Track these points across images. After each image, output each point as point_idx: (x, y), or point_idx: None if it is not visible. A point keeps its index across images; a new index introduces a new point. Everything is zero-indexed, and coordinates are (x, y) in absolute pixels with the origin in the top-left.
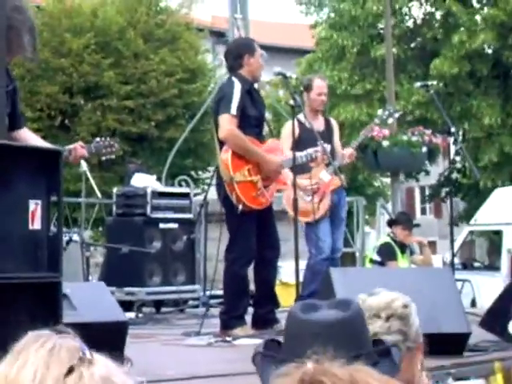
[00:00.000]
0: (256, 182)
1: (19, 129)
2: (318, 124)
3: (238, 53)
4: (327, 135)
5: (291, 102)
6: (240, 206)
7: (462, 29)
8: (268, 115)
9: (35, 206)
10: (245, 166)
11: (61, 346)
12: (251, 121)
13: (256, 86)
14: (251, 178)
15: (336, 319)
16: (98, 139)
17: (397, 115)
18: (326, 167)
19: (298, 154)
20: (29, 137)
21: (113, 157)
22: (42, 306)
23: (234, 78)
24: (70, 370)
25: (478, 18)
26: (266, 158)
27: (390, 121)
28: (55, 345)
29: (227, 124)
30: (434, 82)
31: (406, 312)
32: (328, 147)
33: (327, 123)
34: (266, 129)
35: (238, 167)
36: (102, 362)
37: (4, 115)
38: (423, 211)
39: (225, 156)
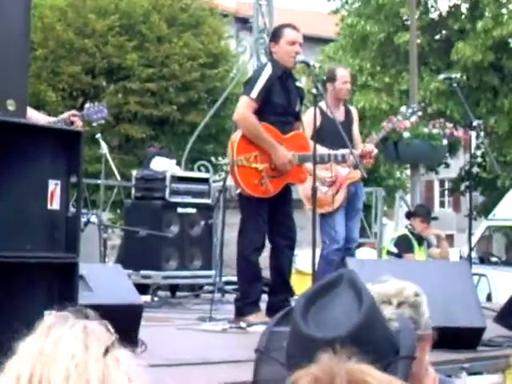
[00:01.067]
0: (261, 170)
1: None
2: (339, 114)
3: (269, 40)
4: (347, 125)
5: (314, 90)
6: (238, 190)
7: (487, 15)
8: None
9: (55, 186)
10: (252, 151)
11: (93, 327)
12: (276, 108)
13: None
14: (256, 165)
15: (347, 331)
16: (87, 105)
17: (420, 113)
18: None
19: (328, 151)
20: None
21: (102, 122)
22: (59, 287)
23: (268, 62)
24: (107, 351)
25: (504, 10)
26: (276, 148)
27: (413, 119)
28: (87, 325)
29: (243, 106)
30: (458, 75)
31: (418, 300)
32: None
33: (347, 113)
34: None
35: (244, 151)
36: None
37: (25, 95)
38: (442, 204)
39: (233, 137)
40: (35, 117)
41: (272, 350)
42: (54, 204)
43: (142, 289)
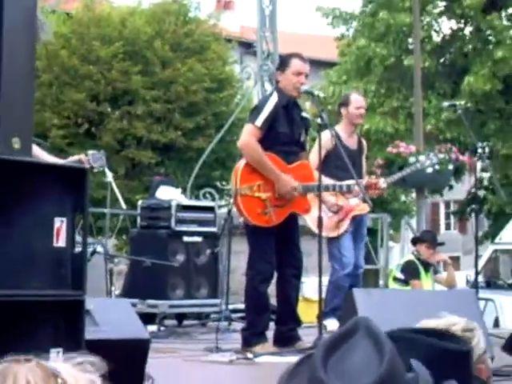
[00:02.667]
0: (264, 200)
1: None
2: (352, 141)
3: (276, 67)
4: (358, 154)
5: (319, 120)
6: (241, 220)
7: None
8: None
9: (60, 224)
10: (256, 180)
11: (35, 381)
12: (280, 137)
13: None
14: (259, 194)
15: (372, 383)
16: (92, 152)
17: (437, 167)
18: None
19: (332, 182)
20: (37, 153)
21: (101, 169)
22: (66, 324)
23: (274, 91)
24: None
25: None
26: (280, 177)
27: (430, 170)
28: (29, 380)
29: (247, 134)
30: (462, 102)
31: (466, 335)
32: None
33: (359, 142)
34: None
35: (248, 180)
36: (69, 374)
37: (30, 133)
38: (448, 226)
39: (237, 166)
40: (45, 158)
41: None
42: (60, 241)
43: (149, 318)
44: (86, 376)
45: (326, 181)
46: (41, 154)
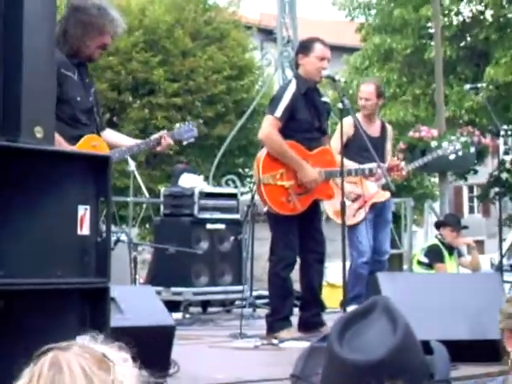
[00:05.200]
0: (287, 188)
1: (103, 130)
2: (375, 128)
3: (296, 51)
4: (381, 140)
5: (340, 105)
6: (265, 209)
7: None
8: None
9: (84, 212)
10: (278, 169)
11: (89, 366)
12: (302, 124)
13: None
14: (282, 183)
15: (383, 355)
16: (178, 125)
17: (461, 153)
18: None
19: (355, 166)
20: (115, 136)
21: (192, 140)
22: (91, 312)
23: (293, 79)
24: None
25: None
26: (302, 165)
27: (452, 157)
28: (83, 367)
29: (267, 126)
30: (484, 85)
31: None
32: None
33: (383, 129)
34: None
35: (270, 169)
36: (112, 354)
37: (53, 122)
38: (471, 210)
39: (259, 155)
40: (122, 139)
41: (308, 375)
42: (84, 229)
43: (174, 306)
44: (120, 354)
45: (348, 165)
46: (62, 143)
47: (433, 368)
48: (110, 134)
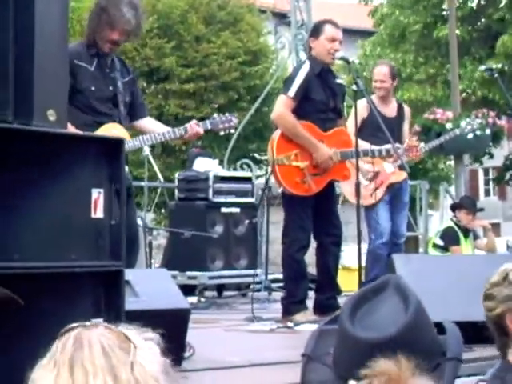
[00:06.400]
0: (302, 169)
1: (141, 118)
2: (391, 109)
3: (308, 35)
4: (398, 121)
5: (354, 87)
6: (280, 189)
7: None
8: None
9: (98, 195)
10: (293, 149)
11: (109, 344)
12: (317, 105)
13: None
14: (297, 164)
15: (395, 333)
16: (214, 115)
17: (478, 133)
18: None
19: (371, 146)
20: (151, 124)
21: (232, 131)
22: (105, 294)
23: (307, 60)
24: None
25: None
26: (317, 146)
27: (470, 136)
28: (103, 345)
29: (280, 105)
30: (499, 65)
31: None
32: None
33: (400, 109)
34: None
35: (284, 150)
36: (137, 339)
37: (65, 105)
38: (487, 193)
39: (273, 136)
40: (156, 128)
41: (319, 354)
42: (98, 212)
43: (189, 290)
44: (146, 339)
45: (364, 146)
46: (71, 129)
47: (445, 347)
48: (148, 123)
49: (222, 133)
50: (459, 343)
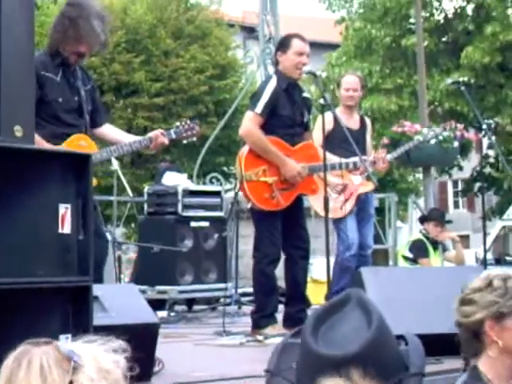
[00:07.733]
0: (271, 184)
1: (101, 125)
2: (354, 122)
3: (276, 48)
4: (362, 133)
5: (321, 100)
6: (249, 205)
7: (495, 19)
8: None
9: (65, 210)
10: (261, 165)
11: (49, 364)
12: (284, 120)
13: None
14: (265, 179)
15: (357, 349)
16: (178, 124)
17: (441, 137)
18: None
19: (339, 159)
20: (111, 132)
21: (194, 139)
22: (73, 310)
23: (273, 75)
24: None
25: (510, 12)
26: (285, 161)
27: (433, 142)
28: (42, 364)
29: (248, 122)
30: (465, 79)
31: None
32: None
33: (362, 121)
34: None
35: (252, 166)
36: (89, 356)
37: (32, 121)
38: (456, 205)
39: (241, 152)
40: (117, 135)
41: (282, 369)
42: (65, 228)
43: (159, 304)
44: (110, 356)
45: (332, 159)
46: (40, 142)
47: (407, 361)
48: (108, 130)
49: (184, 141)
50: (421, 356)
